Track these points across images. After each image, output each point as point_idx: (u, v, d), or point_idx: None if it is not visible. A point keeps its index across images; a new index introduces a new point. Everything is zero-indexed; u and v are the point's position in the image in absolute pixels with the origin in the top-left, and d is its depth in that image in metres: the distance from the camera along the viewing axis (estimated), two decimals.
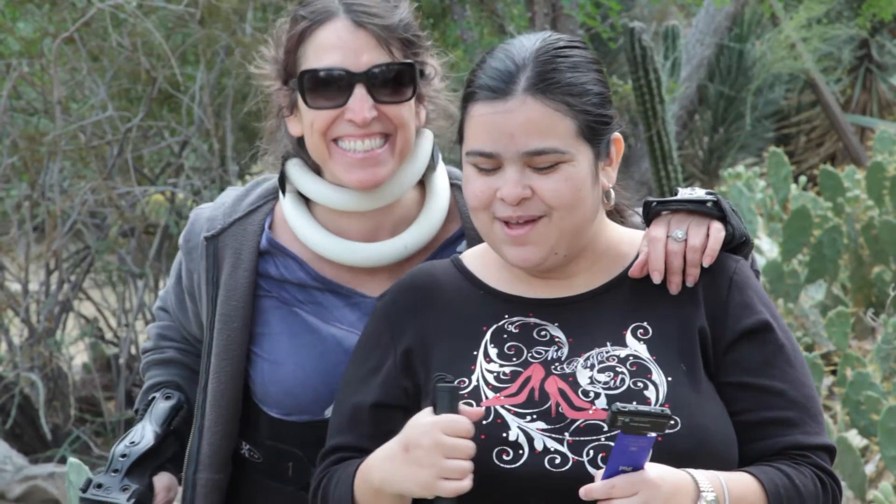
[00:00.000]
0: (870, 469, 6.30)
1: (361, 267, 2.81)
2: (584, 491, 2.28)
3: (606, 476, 2.26)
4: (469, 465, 2.33)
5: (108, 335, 8.86)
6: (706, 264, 2.53)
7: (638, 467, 2.27)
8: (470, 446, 2.33)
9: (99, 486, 2.88)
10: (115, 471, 2.88)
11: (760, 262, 8.08)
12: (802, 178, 9.77)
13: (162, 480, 2.90)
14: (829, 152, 13.51)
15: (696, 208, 2.56)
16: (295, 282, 2.83)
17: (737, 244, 2.58)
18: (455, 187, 2.86)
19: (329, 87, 2.71)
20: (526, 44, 2.48)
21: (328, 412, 2.73)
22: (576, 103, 2.44)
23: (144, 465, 2.88)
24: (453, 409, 2.35)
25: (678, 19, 12.78)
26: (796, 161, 12.91)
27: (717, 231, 2.54)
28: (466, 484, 2.32)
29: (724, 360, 2.50)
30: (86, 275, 8.73)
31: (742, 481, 2.38)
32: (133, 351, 8.43)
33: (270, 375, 2.81)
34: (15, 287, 8.63)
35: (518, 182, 2.42)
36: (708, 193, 2.58)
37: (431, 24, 8.95)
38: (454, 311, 2.57)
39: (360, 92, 2.69)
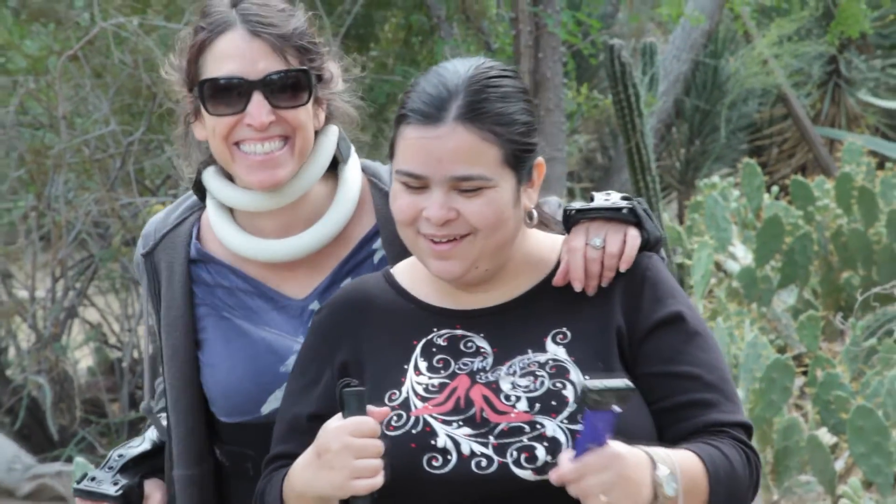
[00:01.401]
0: (839, 465, 6.32)
1: (279, 262, 2.82)
2: (557, 476, 2.26)
3: (577, 456, 2.25)
4: (379, 462, 2.34)
5: (112, 340, 8.88)
6: (623, 269, 2.53)
7: (602, 444, 2.25)
8: (377, 445, 2.34)
9: (93, 479, 2.91)
10: (110, 468, 2.91)
11: (735, 268, 8.11)
12: (775, 188, 9.80)
13: (152, 484, 2.93)
14: (800, 163, 13.52)
15: (612, 215, 2.57)
16: (227, 286, 2.85)
17: (652, 245, 2.60)
18: (372, 184, 2.88)
19: (228, 94, 2.72)
20: (460, 70, 2.48)
21: (265, 409, 2.77)
22: (503, 132, 2.44)
23: (137, 468, 2.92)
24: (361, 412, 2.37)
25: (656, 36, 12.80)
26: (769, 172, 12.93)
27: (633, 238, 2.54)
28: (378, 481, 2.34)
29: (639, 353, 2.49)
30: (90, 282, 8.75)
31: (683, 455, 2.38)
32: (136, 355, 8.45)
33: (210, 379, 2.83)
34: (22, 294, 8.63)
35: (443, 205, 2.42)
36: (623, 199, 2.59)
37: (420, 42, 8.94)
38: (386, 326, 2.59)
39: (257, 98, 2.70)
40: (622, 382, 2.25)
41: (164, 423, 2.96)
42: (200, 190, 2.89)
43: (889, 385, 6.68)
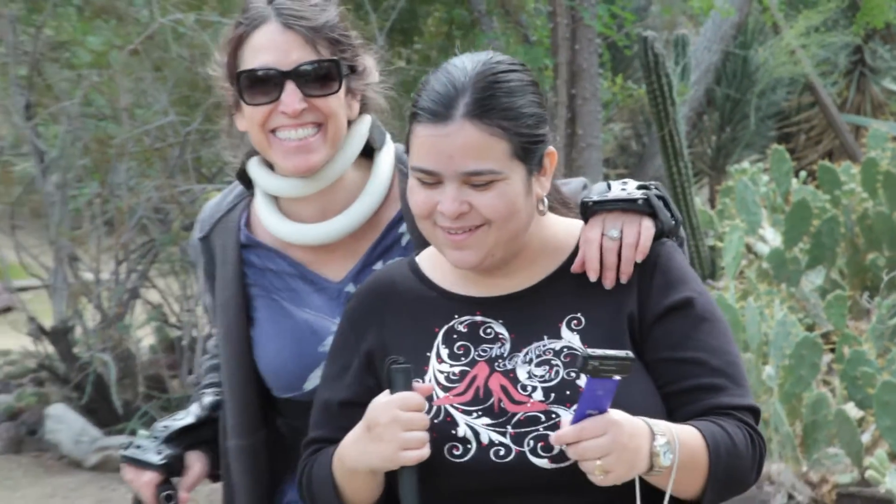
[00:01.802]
0: (866, 438, 6.31)
1: (317, 246, 2.84)
2: (555, 437, 2.28)
3: (575, 421, 2.26)
4: (425, 435, 2.35)
5: (172, 319, 8.93)
6: (638, 260, 2.51)
7: (602, 411, 2.26)
8: (424, 419, 2.36)
9: (138, 447, 2.94)
10: (155, 438, 2.94)
11: (764, 250, 8.10)
12: (803, 173, 9.76)
13: (193, 456, 2.95)
14: (827, 149, 13.46)
15: (628, 206, 2.57)
16: (274, 269, 2.87)
17: (667, 234, 2.59)
18: (399, 171, 2.88)
19: (263, 84, 2.74)
20: (467, 67, 2.46)
21: (306, 386, 2.79)
22: (511, 127, 2.43)
23: (181, 439, 2.93)
24: (407, 388, 2.38)
25: (687, 28, 12.75)
26: (797, 157, 12.87)
27: (647, 229, 2.52)
28: (425, 452, 2.35)
29: (649, 339, 2.48)
30: (151, 265, 8.79)
31: (685, 429, 2.37)
32: (194, 334, 8.47)
33: (261, 356, 2.86)
34: (88, 276, 8.68)
35: (456, 199, 2.42)
36: (640, 188, 2.58)
37: (461, 35, 8.94)
38: (409, 313, 2.59)
39: (290, 87, 2.72)
40: (623, 353, 2.25)
41: (208, 399, 3.01)
42: (245, 179, 2.91)
43: None
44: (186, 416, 2.98)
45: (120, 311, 8.61)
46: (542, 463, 2.38)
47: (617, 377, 2.23)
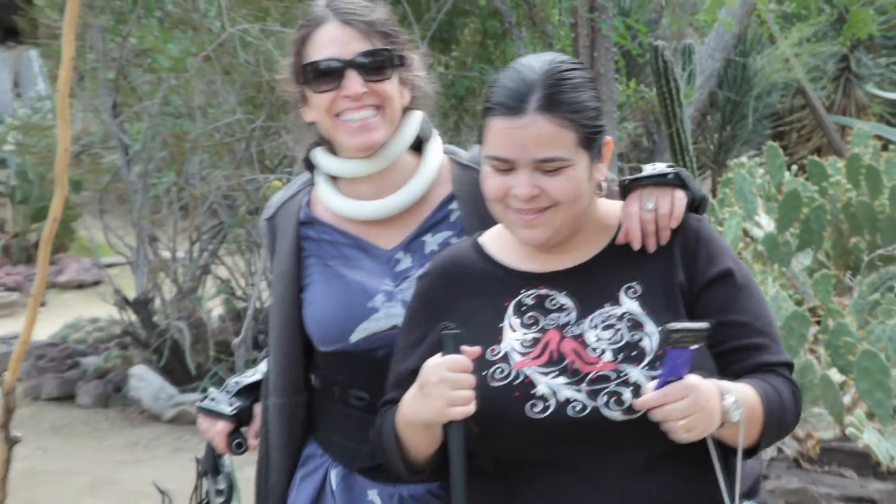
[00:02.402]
0: (847, 400, 6.30)
1: (373, 220, 2.87)
2: (641, 402, 2.31)
3: (658, 387, 2.29)
4: (471, 393, 2.37)
5: (238, 292, 8.99)
6: (674, 226, 2.55)
7: (681, 377, 2.28)
8: (470, 379, 2.38)
9: (213, 399, 2.98)
10: (228, 392, 2.98)
11: (759, 234, 8.09)
12: (794, 167, 9.72)
13: (260, 408, 2.99)
14: (816, 146, 13.40)
15: (660, 181, 2.60)
16: (330, 240, 2.91)
17: (698, 204, 2.61)
18: (451, 159, 2.94)
19: (327, 73, 2.78)
20: (535, 66, 2.49)
21: (353, 338, 2.82)
22: (577, 118, 2.46)
23: (250, 393, 3.00)
24: (456, 352, 2.40)
25: (693, 38, 12.71)
26: (789, 153, 12.82)
27: (680, 199, 2.58)
28: (470, 409, 2.37)
29: (697, 305, 2.52)
30: (220, 245, 8.84)
31: (743, 388, 2.41)
32: (258, 305, 8.50)
33: (310, 313, 2.89)
34: (166, 254, 8.74)
35: (529, 183, 2.44)
36: (668, 167, 2.62)
37: (494, 44, 8.94)
38: (479, 290, 2.60)
39: (351, 74, 2.77)
40: (700, 324, 2.28)
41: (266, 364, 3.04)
42: (310, 166, 2.94)
43: (890, 332, 6.66)
44: (255, 374, 3.03)
45: (193, 284, 8.68)
46: (615, 416, 2.40)
47: (694, 346, 2.26)
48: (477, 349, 2.43)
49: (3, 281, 11.73)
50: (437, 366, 2.38)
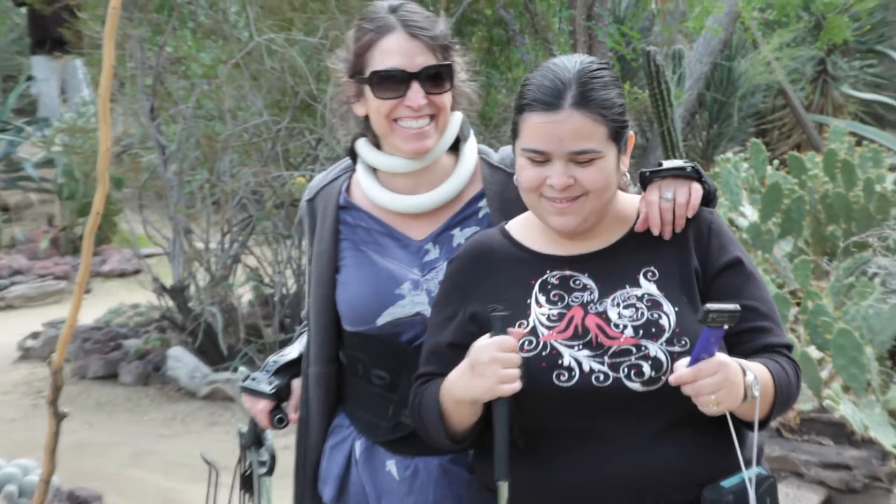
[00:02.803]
0: (824, 374, 6.31)
1: (408, 214, 2.88)
2: (675, 378, 2.33)
3: (691, 364, 2.31)
4: (518, 372, 2.39)
5: (266, 280, 8.98)
6: (690, 216, 2.58)
7: (711, 354, 2.30)
8: (517, 358, 2.40)
9: (253, 379, 3.00)
10: (267, 371, 2.99)
11: (744, 223, 8.08)
12: (776, 162, 9.70)
13: (297, 382, 3.01)
14: (796, 142, 13.36)
15: (678, 174, 2.62)
16: (365, 227, 2.91)
17: (710, 197, 2.62)
18: (482, 159, 2.93)
19: (392, 82, 2.77)
20: (568, 66, 2.51)
21: (379, 321, 2.83)
22: (606, 114, 2.48)
23: (287, 371, 3.01)
24: (504, 333, 2.41)
25: (683, 44, 12.67)
26: (771, 149, 12.78)
27: (697, 190, 2.62)
28: (518, 386, 2.39)
29: (710, 289, 2.55)
30: (249, 236, 8.85)
31: (760, 367, 2.45)
32: (284, 291, 8.55)
33: (342, 294, 2.90)
34: (199, 245, 8.76)
35: (564, 174, 2.47)
36: (686, 162, 2.64)
37: (499, 50, 8.94)
38: (507, 271, 2.62)
39: (415, 86, 2.76)
40: (733, 306, 2.30)
41: (306, 338, 3.04)
42: (353, 155, 2.94)
43: (864, 312, 6.66)
44: (290, 352, 3.03)
45: (225, 273, 8.69)
46: (635, 386, 2.43)
47: (726, 326, 2.29)
48: (522, 331, 2.47)
49: (52, 270, 11.76)
50: (487, 346, 2.40)
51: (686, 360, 2.33)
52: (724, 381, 2.29)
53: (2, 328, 10.34)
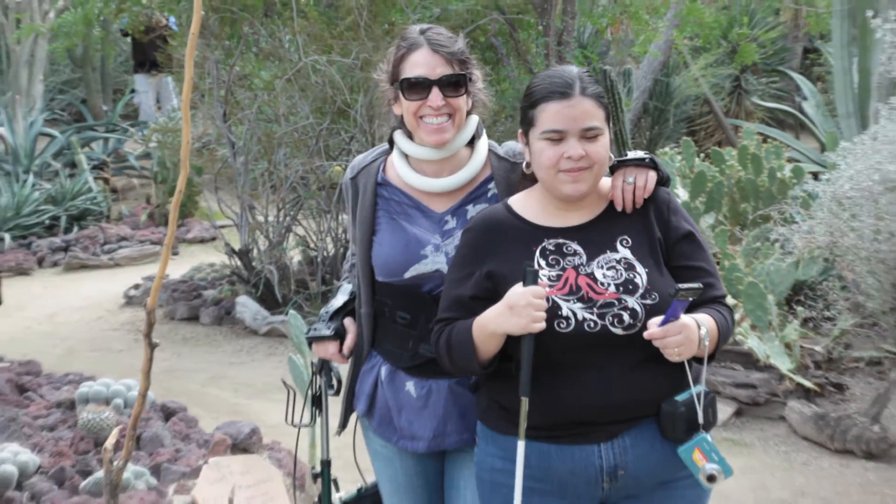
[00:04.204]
0: (737, 317, 6.32)
1: (433, 192, 2.86)
2: (648, 335, 2.38)
3: (661, 324, 2.36)
4: (545, 315, 2.41)
5: (311, 245, 8.97)
6: (646, 196, 2.59)
7: (677, 318, 2.36)
8: (545, 304, 2.42)
9: (315, 328, 2.98)
10: (322, 319, 2.97)
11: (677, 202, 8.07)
12: (702, 155, 9.68)
13: (349, 321, 3.00)
14: (717, 140, 13.34)
15: (639, 163, 2.61)
16: (398, 201, 2.89)
17: (665, 181, 2.62)
18: (490, 150, 2.91)
19: (418, 87, 2.76)
20: (567, 69, 2.55)
21: (406, 275, 2.81)
22: (602, 101, 2.52)
23: (338, 315, 2.98)
24: (535, 283, 2.43)
25: (631, 65, 12.64)
26: (699, 145, 12.75)
27: (652, 177, 2.61)
28: (544, 325, 2.40)
29: (671, 254, 2.56)
30: (298, 211, 8.83)
31: (708, 319, 2.49)
32: (325, 254, 8.57)
33: (377, 252, 2.88)
34: (260, 218, 8.75)
35: (579, 147, 2.48)
36: (645, 153, 2.64)
37: (490, 69, 8.91)
38: (513, 239, 2.60)
39: (435, 91, 2.75)
40: (697, 284, 2.36)
41: (349, 286, 3.03)
42: (391, 143, 2.92)
43: (767, 269, 6.66)
44: (336, 302, 3.02)
45: (279, 239, 8.69)
46: (617, 331, 2.45)
47: (690, 299, 2.35)
48: (546, 283, 2.48)
49: (149, 237, 11.79)
50: (524, 293, 2.40)
51: (658, 319, 2.37)
52: (685, 339, 2.35)
53: (111, 281, 10.36)
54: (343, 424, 3.10)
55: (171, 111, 14.56)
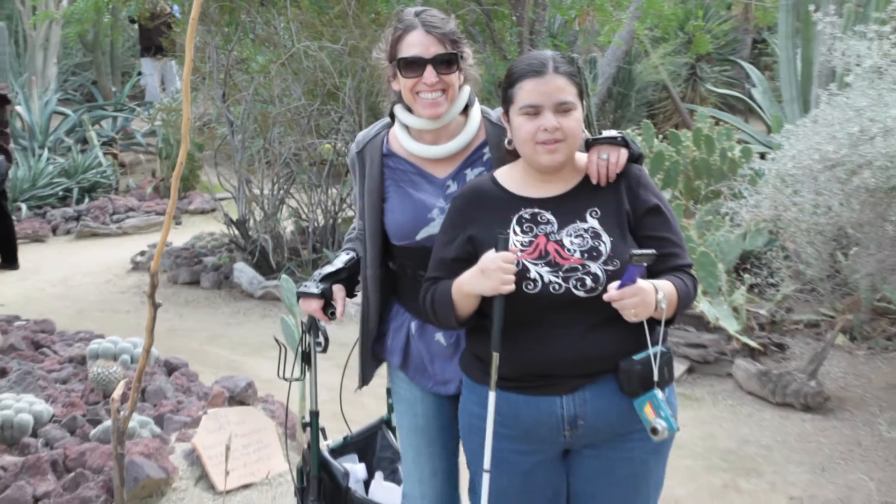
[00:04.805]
0: None
1: (433, 159, 2.84)
2: (607, 297, 2.36)
3: (619, 287, 2.34)
4: (514, 278, 2.40)
5: (303, 216, 8.94)
6: (618, 171, 2.56)
7: (634, 282, 2.34)
8: (514, 268, 2.41)
9: (306, 286, 2.95)
10: (314, 280, 2.95)
11: None
12: (660, 136, 9.70)
13: (337, 287, 2.96)
14: (675, 123, 13.34)
15: (612, 141, 2.60)
16: (403, 169, 2.87)
17: (636, 158, 2.61)
18: (484, 117, 2.89)
19: (414, 65, 2.73)
20: (543, 52, 2.53)
21: (418, 237, 2.79)
22: (574, 80, 2.50)
23: (330, 278, 2.94)
24: (506, 249, 2.42)
25: (597, 53, 12.61)
26: (658, 127, 12.77)
27: (624, 154, 2.59)
28: (513, 287, 2.40)
29: (639, 225, 2.54)
30: (291, 185, 8.79)
31: (667, 284, 2.46)
32: (316, 224, 8.53)
33: (389, 218, 2.85)
34: (256, 191, 8.70)
35: (553, 119, 2.46)
36: (618, 133, 2.62)
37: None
38: (494, 207, 2.58)
39: (429, 68, 2.72)
40: (651, 251, 2.34)
41: (344, 256, 2.99)
42: (392, 117, 2.89)
43: (717, 240, 6.69)
44: (330, 265, 2.99)
45: (274, 211, 8.65)
46: (580, 294, 2.43)
47: (645, 264, 2.34)
48: (517, 249, 2.47)
49: (154, 208, 11.72)
50: (496, 258, 2.40)
51: (616, 283, 2.35)
52: (640, 301, 2.33)
53: (119, 248, 10.29)
54: (364, 381, 3.04)
55: (174, 92, 14.46)
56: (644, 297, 2.34)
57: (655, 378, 2.46)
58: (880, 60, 5.18)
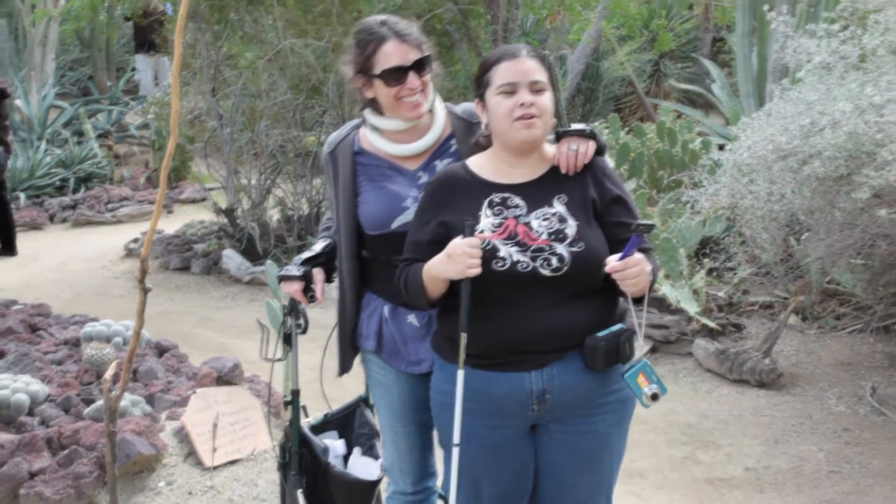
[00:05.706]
0: None
1: (404, 155, 2.83)
2: (610, 268, 2.36)
3: (620, 259, 2.35)
4: (479, 262, 2.41)
5: (289, 205, 8.90)
6: (586, 162, 2.57)
7: (631, 255, 2.35)
8: (480, 252, 2.42)
9: (287, 269, 2.94)
10: (295, 263, 2.94)
11: None
12: (626, 129, 9.70)
13: (316, 271, 2.95)
14: (640, 117, 13.34)
15: (580, 133, 2.61)
16: (375, 165, 2.86)
17: (602, 150, 2.61)
18: (448, 111, 2.89)
19: (397, 74, 2.72)
20: (514, 44, 2.58)
21: (393, 225, 2.78)
22: (545, 65, 2.54)
23: (308, 263, 2.93)
24: (472, 235, 2.43)
25: (567, 50, 12.60)
26: (623, 121, 12.76)
27: (591, 146, 2.60)
28: (478, 271, 2.40)
29: (605, 213, 2.55)
30: (278, 175, 8.75)
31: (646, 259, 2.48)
32: (301, 213, 8.49)
33: (365, 211, 2.85)
34: (244, 181, 8.65)
35: (529, 95, 2.48)
36: (586, 125, 2.63)
37: (445, 52, 8.85)
38: (466, 192, 2.58)
39: (411, 74, 2.72)
40: (651, 221, 2.38)
41: (322, 243, 2.97)
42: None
43: (679, 226, 6.70)
44: (311, 250, 2.98)
45: (261, 200, 8.61)
46: (546, 273, 2.44)
47: (645, 235, 2.35)
48: (484, 235, 2.47)
49: (147, 198, 11.63)
50: (462, 243, 2.41)
51: (617, 255, 2.36)
52: (640, 272, 2.35)
53: (114, 235, 10.21)
54: (343, 369, 3.03)
55: (167, 87, 14.30)
56: (643, 267, 2.37)
57: (627, 354, 2.50)
58: (829, 57, 5.20)
